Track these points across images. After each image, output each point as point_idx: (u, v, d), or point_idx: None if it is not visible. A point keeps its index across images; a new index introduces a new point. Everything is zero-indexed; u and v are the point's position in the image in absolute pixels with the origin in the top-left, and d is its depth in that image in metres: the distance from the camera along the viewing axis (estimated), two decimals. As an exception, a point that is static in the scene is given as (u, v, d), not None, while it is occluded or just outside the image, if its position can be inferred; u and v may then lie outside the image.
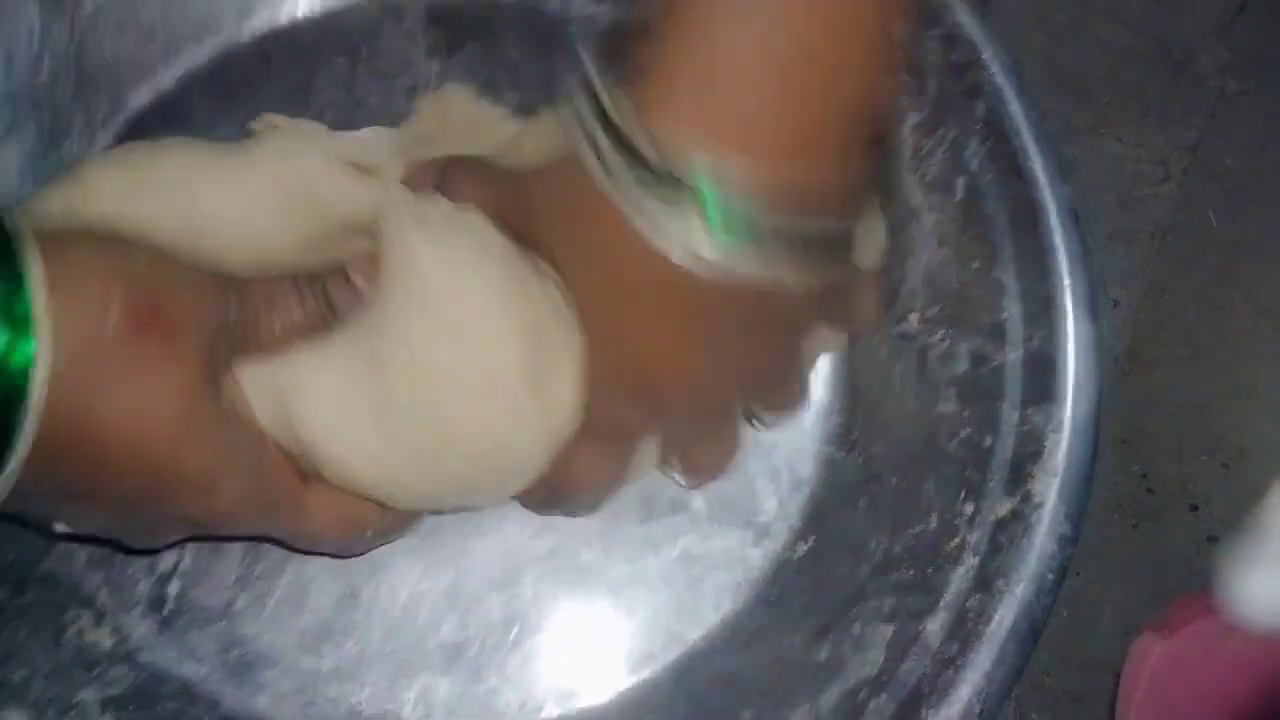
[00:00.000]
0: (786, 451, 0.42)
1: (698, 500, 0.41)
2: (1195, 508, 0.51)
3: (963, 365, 0.41)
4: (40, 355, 0.25)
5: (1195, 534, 0.51)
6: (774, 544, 0.41)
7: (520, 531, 0.40)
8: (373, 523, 0.34)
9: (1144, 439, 0.52)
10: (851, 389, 0.43)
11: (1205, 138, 0.55)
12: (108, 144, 0.44)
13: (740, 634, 0.39)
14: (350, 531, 0.34)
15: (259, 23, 0.46)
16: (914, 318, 0.43)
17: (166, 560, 0.39)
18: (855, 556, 0.39)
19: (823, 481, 0.42)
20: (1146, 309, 0.53)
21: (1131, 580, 0.48)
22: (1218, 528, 0.51)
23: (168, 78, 0.45)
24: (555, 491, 0.35)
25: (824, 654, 0.37)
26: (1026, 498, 0.36)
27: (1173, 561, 0.50)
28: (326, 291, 0.34)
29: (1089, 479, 0.37)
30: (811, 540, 0.41)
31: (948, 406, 0.40)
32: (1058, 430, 0.37)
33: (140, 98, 0.45)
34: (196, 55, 0.46)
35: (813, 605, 0.39)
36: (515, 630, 0.39)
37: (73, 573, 0.38)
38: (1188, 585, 0.49)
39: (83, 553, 0.38)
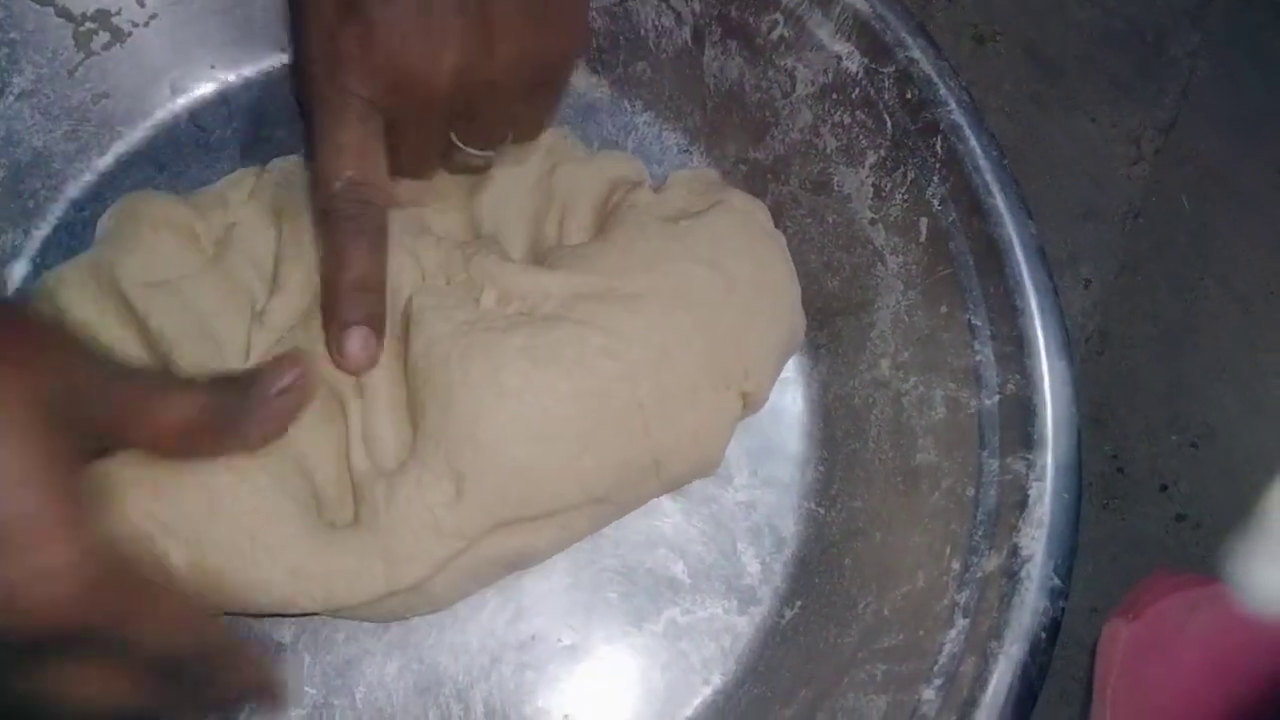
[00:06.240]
0: (766, 510, 0.41)
1: (679, 567, 0.40)
2: (1165, 487, 0.52)
3: (939, 412, 0.40)
4: None
5: (1165, 513, 0.51)
6: (761, 610, 0.40)
7: (497, 619, 0.39)
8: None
9: (1114, 419, 0.52)
10: (828, 439, 0.42)
11: (1178, 119, 0.56)
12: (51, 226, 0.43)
13: (732, 709, 0.38)
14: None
15: (192, 99, 0.44)
16: (885, 363, 0.42)
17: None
18: (844, 620, 0.38)
19: (805, 540, 0.41)
20: (1118, 289, 0.53)
21: (1102, 558, 0.49)
22: (1187, 506, 0.51)
23: (104, 161, 0.44)
24: None
25: (818, 729, 0.36)
26: (1014, 551, 0.36)
27: (1143, 540, 0.51)
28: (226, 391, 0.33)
29: (1075, 527, 0.36)
30: (798, 605, 0.40)
31: (926, 456, 0.39)
32: (1040, 478, 0.36)
33: (77, 179, 0.43)
34: (131, 139, 0.44)
35: (803, 675, 0.38)
36: (499, 725, 0.38)
37: None
38: (1157, 563, 0.49)
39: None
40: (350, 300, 0.36)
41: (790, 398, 0.43)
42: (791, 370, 0.43)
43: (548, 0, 0.35)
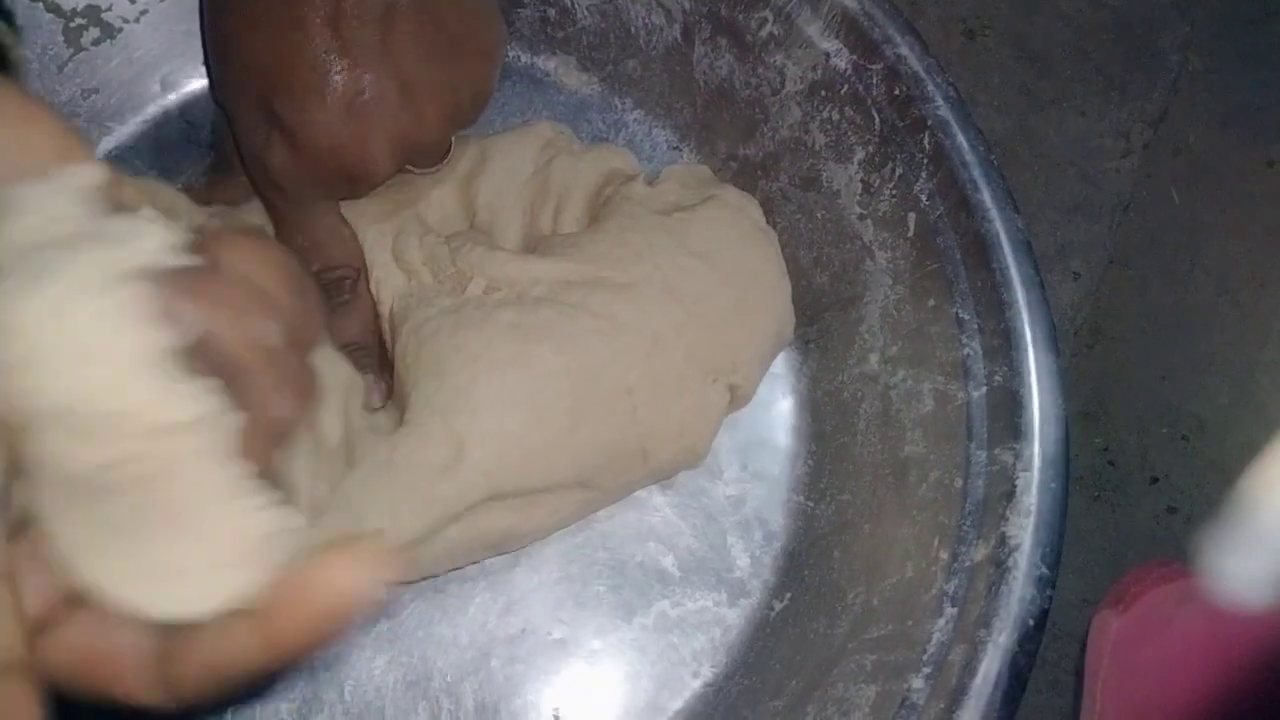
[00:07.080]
0: (756, 503, 0.41)
1: (669, 560, 0.40)
2: (1156, 479, 0.52)
3: (927, 405, 0.40)
4: None
5: (1155, 505, 0.51)
6: (750, 602, 0.40)
7: (487, 612, 0.38)
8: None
9: (1105, 412, 0.52)
10: (818, 433, 0.43)
11: (1167, 113, 0.56)
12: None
13: (722, 701, 0.38)
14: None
15: (182, 94, 0.45)
16: (874, 358, 0.42)
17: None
18: (833, 612, 0.38)
19: (795, 533, 0.41)
20: (1108, 282, 0.54)
21: (1093, 550, 0.49)
22: (1178, 499, 0.51)
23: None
24: None
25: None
26: (1001, 541, 0.36)
27: (1133, 532, 0.51)
28: None
29: (1063, 517, 0.36)
30: (788, 597, 0.40)
31: (915, 449, 0.39)
32: (1027, 468, 0.36)
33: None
34: (121, 134, 0.44)
35: (793, 667, 0.38)
36: (489, 717, 0.38)
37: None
38: (1148, 555, 0.50)
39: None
40: (350, 360, 0.36)
41: (779, 392, 0.43)
42: (781, 365, 0.43)
43: (460, 37, 0.35)
